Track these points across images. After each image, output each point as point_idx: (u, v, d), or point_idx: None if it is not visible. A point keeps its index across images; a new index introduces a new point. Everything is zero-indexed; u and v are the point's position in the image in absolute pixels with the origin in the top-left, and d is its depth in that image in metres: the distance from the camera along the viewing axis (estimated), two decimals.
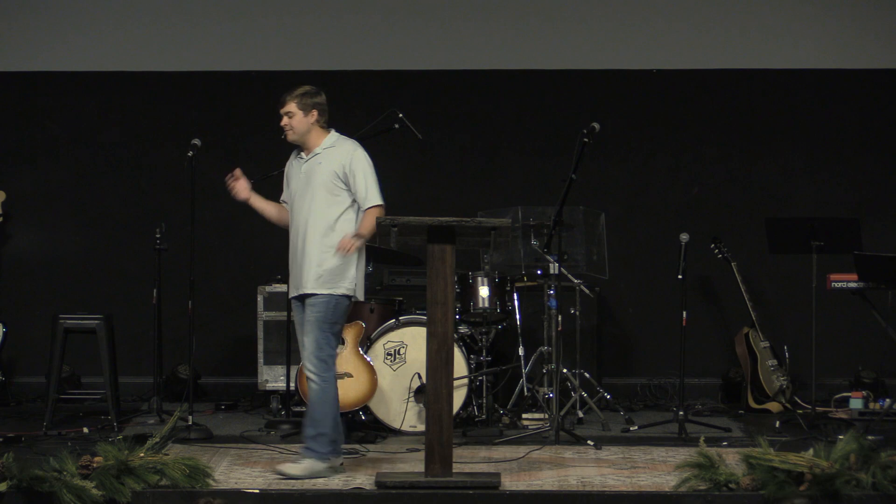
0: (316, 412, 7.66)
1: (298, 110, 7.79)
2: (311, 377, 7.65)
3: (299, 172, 7.84)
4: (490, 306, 9.40)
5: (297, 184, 7.83)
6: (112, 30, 10.86)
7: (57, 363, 9.32)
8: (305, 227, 7.73)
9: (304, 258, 7.72)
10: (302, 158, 7.86)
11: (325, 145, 7.83)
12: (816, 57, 10.77)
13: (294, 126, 7.80)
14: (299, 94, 7.81)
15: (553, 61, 10.84)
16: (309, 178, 7.79)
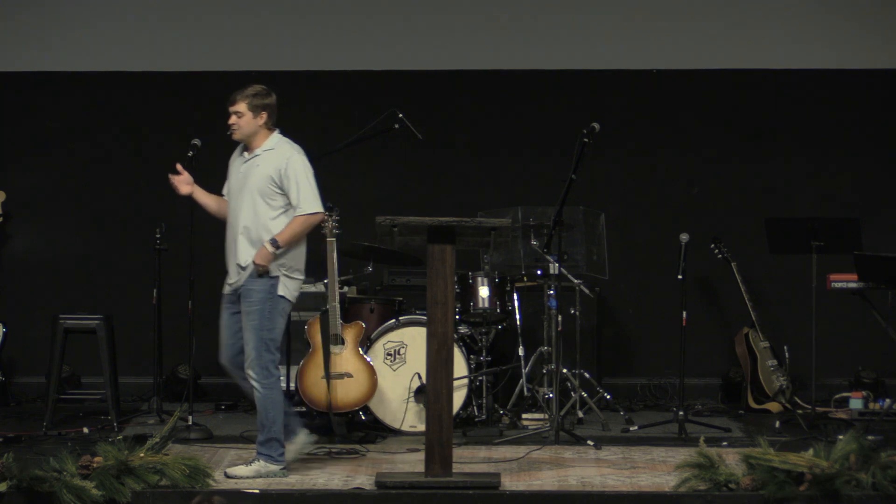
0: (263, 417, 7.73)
1: (248, 111, 7.80)
2: (256, 382, 7.70)
3: (238, 170, 7.86)
4: (490, 306, 9.40)
5: (236, 181, 7.86)
6: (112, 30, 10.86)
7: (57, 363, 9.32)
8: (237, 226, 7.77)
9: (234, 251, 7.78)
10: (244, 157, 7.87)
11: (265, 147, 7.84)
12: (816, 57, 10.77)
13: (241, 126, 7.80)
14: (250, 95, 7.81)
15: (553, 61, 10.84)
16: (246, 178, 7.81)
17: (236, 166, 7.91)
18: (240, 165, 7.87)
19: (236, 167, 7.90)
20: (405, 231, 7.46)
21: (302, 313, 9.55)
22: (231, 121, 7.81)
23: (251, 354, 7.67)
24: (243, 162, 7.86)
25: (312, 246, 9.26)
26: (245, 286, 7.72)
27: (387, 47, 10.86)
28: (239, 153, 7.94)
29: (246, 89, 7.83)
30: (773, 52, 10.78)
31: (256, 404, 7.73)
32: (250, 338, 7.68)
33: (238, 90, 7.83)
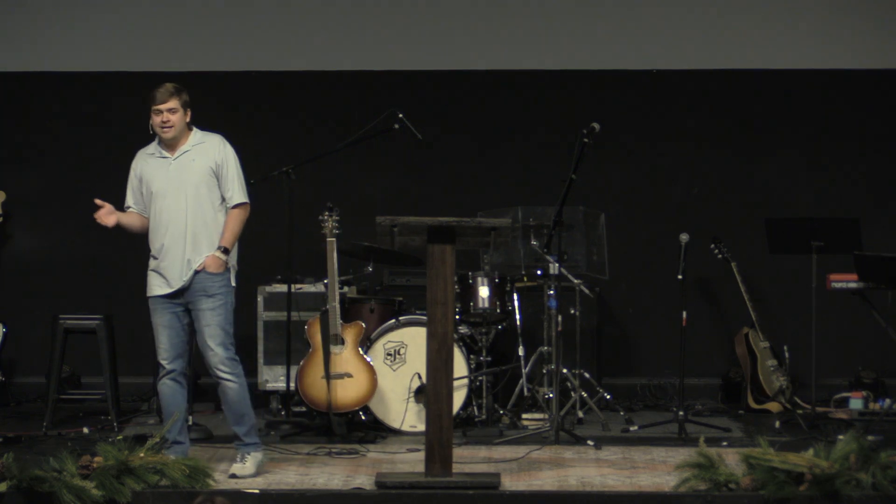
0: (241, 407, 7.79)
1: (180, 107, 7.81)
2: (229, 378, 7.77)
3: (166, 172, 7.79)
4: (490, 306, 9.40)
5: (164, 184, 7.78)
6: (112, 30, 10.86)
7: (57, 363, 9.33)
8: (181, 226, 7.74)
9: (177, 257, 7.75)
10: (166, 158, 7.81)
11: (193, 142, 7.86)
12: (816, 57, 10.77)
13: (175, 123, 7.78)
14: (178, 92, 7.81)
15: (553, 61, 10.84)
16: (180, 175, 7.78)
17: (158, 170, 7.80)
18: (165, 165, 7.80)
19: (159, 171, 7.79)
20: (405, 231, 7.46)
21: (302, 313, 9.55)
22: (164, 118, 7.75)
23: (219, 351, 7.75)
24: (170, 161, 7.80)
25: (312, 246, 9.29)
26: (202, 284, 7.75)
27: (387, 47, 10.86)
28: (153, 156, 7.85)
29: (169, 87, 7.78)
30: (773, 52, 10.77)
31: (230, 398, 7.76)
32: (216, 333, 7.76)
33: (159, 89, 7.77)
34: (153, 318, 7.86)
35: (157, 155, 7.86)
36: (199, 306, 7.77)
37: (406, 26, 10.87)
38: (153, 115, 7.79)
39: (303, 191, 9.31)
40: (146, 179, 7.84)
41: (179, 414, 7.78)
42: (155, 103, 7.76)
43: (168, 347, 7.80)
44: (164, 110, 7.76)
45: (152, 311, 7.85)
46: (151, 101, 7.78)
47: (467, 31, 10.85)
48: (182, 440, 7.82)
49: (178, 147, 7.83)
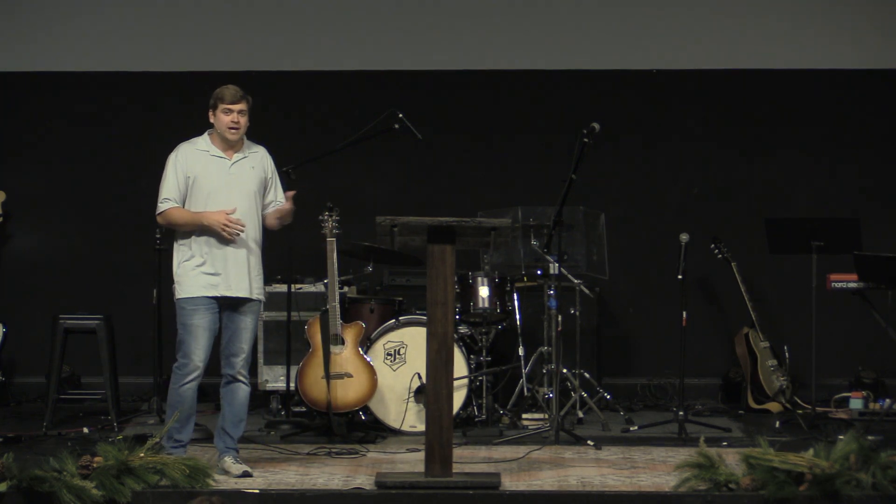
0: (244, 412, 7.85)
1: (247, 111, 7.80)
2: (245, 382, 7.79)
3: (224, 173, 7.76)
4: (490, 306, 9.40)
5: (219, 183, 7.74)
6: (112, 30, 10.86)
7: (57, 363, 9.32)
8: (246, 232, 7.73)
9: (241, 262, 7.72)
10: (223, 158, 7.78)
11: (248, 149, 7.87)
12: (816, 57, 10.78)
13: (242, 126, 7.78)
14: (246, 96, 7.80)
15: (553, 61, 10.84)
16: (239, 180, 7.78)
17: (214, 165, 7.75)
18: (223, 166, 7.77)
19: (215, 166, 7.75)
20: (405, 231, 7.46)
21: (302, 313, 9.55)
22: (235, 119, 7.72)
23: (249, 354, 7.79)
24: (229, 164, 7.78)
25: (312, 246, 9.29)
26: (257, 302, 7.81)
27: (387, 47, 10.86)
28: (208, 152, 7.79)
29: (239, 89, 7.77)
30: (773, 52, 10.78)
31: (240, 400, 7.80)
32: (249, 339, 7.78)
33: (229, 88, 7.75)
34: (191, 319, 7.67)
35: (210, 153, 7.79)
36: (246, 311, 7.77)
37: (406, 26, 10.87)
38: (221, 114, 7.72)
39: (302, 191, 9.30)
40: (197, 175, 7.73)
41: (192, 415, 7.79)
42: (226, 102, 7.71)
43: (205, 348, 7.71)
44: (235, 110, 7.73)
45: (191, 312, 7.67)
46: (220, 100, 7.72)
47: (468, 31, 10.85)
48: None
49: (234, 150, 7.80)
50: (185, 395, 7.70)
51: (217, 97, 7.75)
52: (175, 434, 7.70)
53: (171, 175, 7.76)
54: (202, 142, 7.84)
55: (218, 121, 7.76)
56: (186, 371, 7.68)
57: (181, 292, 7.71)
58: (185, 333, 7.68)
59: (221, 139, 7.80)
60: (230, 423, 7.84)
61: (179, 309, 7.72)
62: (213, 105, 7.78)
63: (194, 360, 7.66)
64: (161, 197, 7.77)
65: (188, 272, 7.70)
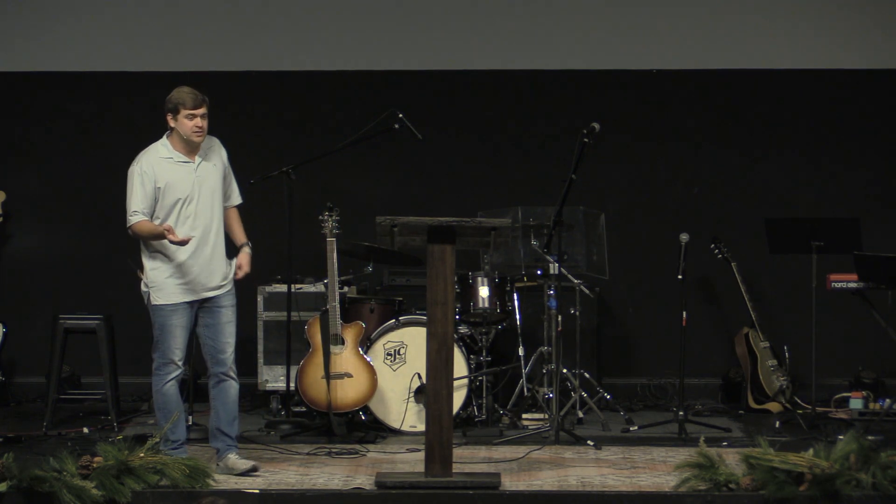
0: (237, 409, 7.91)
1: (207, 114, 7.76)
2: (235, 378, 7.83)
3: (191, 177, 7.72)
4: (490, 306, 9.40)
5: (189, 189, 7.71)
6: (112, 30, 10.86)
7: (57, 363, 9.33)
8: (209, 230, 7.75)
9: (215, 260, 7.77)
10: (188, 162, 7.75)
11: (205, 146, 7.83)
12: (816, 57, 10.77)
13: (205, 129, 7.76)
14: (205, 99, 7.75)
15: (553, 61, 10.84)
16: (206, 181, 7.77)
17: (180, 172, 7.71)
18: (188, 170, 7.73)
19: (181, 172, 7.71)
20: (405, 231, 7.46)
21: (302, 313, 9.55)
22: (199, 124, 7.68)
23: (233, 351, 7.85)
24: (194, 167, 7.75)
25: (312, 246, 9.29)
26: (229, 291, 7.85)
27: (387, 47, 10.86)
28: (172, 159, 7.73)
29: (198, 93, 7.71)
30: (773, 52, 10.77)
31: (232, 398, 7.85)
32: (234, 332, 7.85)
33: (190, 94, 7.68)
34: (169, 320, 7.75)
35: (174, 159, 7.75)
36: (223, 303, 7.82)
37: (406, 26, 10.87)
38: (184, 119, 7.67)
39: (303, 191, 9.32)
40: (166, 184, 7.69)
41: (180, 413, 7.80)
42: (188, 108, 7.67)
43: (183, 347, 7.78)
44: (198, 115, 7.69)
45: (169, 313, 7.75)
46: (182, 105, 7.67)
47: (467, 31, 10.85)
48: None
49: (195, 152, 7.78)
50: (169, 393, 7.76)
51: (177, 102, 7.68)
52: (170, 435, 7.71)
53: (137, 187, 7.68)
54: (163, 149, 7.77)
55: (181, 126, 7.70)
56: (168, 370, 7.77)
57: (157, 298, 7.76)
58: (164, 334, 7.77)
59: (183, 143, 7.75)
60: (225, 422, 7.84)
61: (156, 311, 7.78)
62: (172, 109, 7.71)
63: (174, 359, 7.76)
64: (130, 209, 7.68)
65: (163, 280, 7.74)
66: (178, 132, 7.74)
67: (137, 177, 7.69)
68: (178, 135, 7.75)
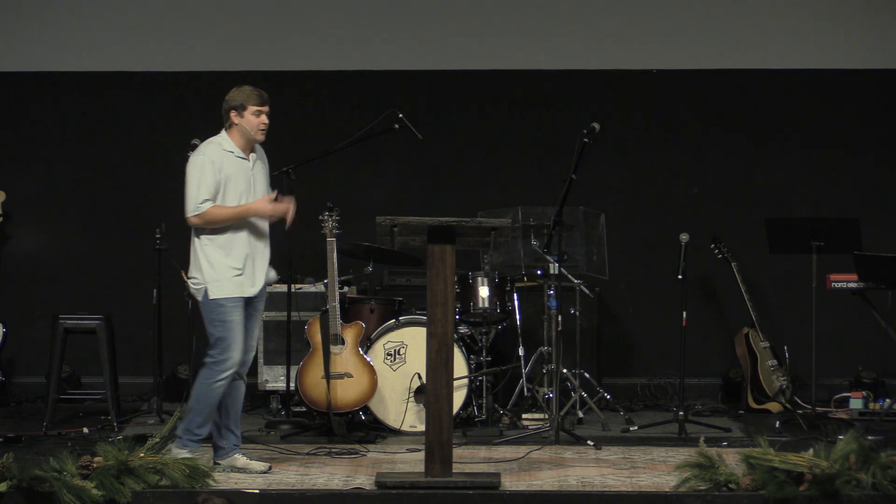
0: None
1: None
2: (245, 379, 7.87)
3: (248, 173, 7.79)
4: (490, 306, 9.40)
5: (246, 185, 7.77)
6: (112, 30, 10.86)
7: (57, 363, 9.32)
8: (263, 228, 7.83)
9: (265, 259, 7.84)
10: (246, 160, 7.80)
11: (256, 149, 7.91)
12: (816, 57, 10.77)
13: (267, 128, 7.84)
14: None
15: (553, 61, 10.84)
16: (258, 180, 7.84)
17: (240, 167, 7.78)
18: (246, 167, 7.79)
19: (240, 168, 7.78)
20: (405, 231, 7.46)
21: (302, 313, 9.55)
22: (265, 121, 7.77)
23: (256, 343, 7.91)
24: (250, 164, 7.81)
25: (313, 246, 9.29)
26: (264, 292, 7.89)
27: (387, 47, 10.86)
28: (233, 153, 7.78)
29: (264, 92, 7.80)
30: (773, 52, 10.78)
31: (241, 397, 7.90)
32: (257, 336, 7.92)
33: (260, 91, 7.77)
34: (230, 316, 7.68)
35: (235, 154, 7.78)
36: (258, 305, 7.87)
37: (406, 26, 10.87)
38: (250, 116, 7.73)
39: (303, 191, 9.31)
40: (229, 176, 7.72)
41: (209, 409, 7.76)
42: (256, 104, 7.73)
43: (242, 343, 7.74)
44: (264, 113, 7.76)
45: (231, 309, 7.69)
46: (249, 102, 7.72)
47: (467, 31, 10.85)
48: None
49: (251, 150, 7.83)
50: (218, 390, 7.71)
51: (245, 99, 7.73)
52: (195, 428, 7.69)
53: (207, 175, 7.67)
54: (225, 142, 7.80)
55: (247, 122, 7.74)
56: (227, 366, 7.68)
57: (219, 292, 7.67)
58: (225, 330, 7.67)
59: (244, 140, 7.79)
60: (234, 421, 7.86)
61: (216, 307, 7.68)
62: (239, 106, 7.74)
63: (234, 356, 7.68)
64: (199, 198, 7.65)
65: (224, 272, 7.69)
66: (240, 129, 7.76)
67: (208, 165, 7.69)
68: (239, 131, 7.77)
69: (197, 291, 7.75)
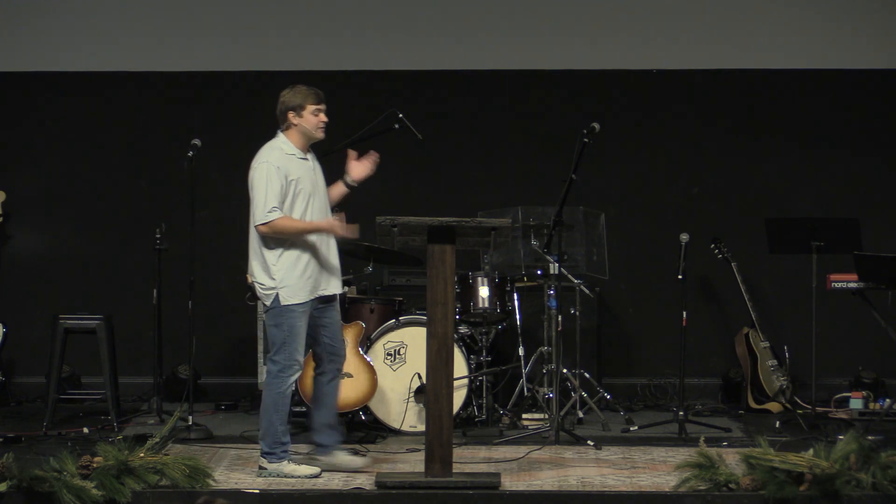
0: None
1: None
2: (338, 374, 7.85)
3: (310, 174, 7.75)
4: (490, 306, 9.40)
5: (310, 186, 7.72)
6: (112, 30, 10.85)
7: (57, 363, 9.32)
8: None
9: (333, 260, 7.77)
10: (307, 160, 7.77)
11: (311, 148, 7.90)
12: (816, 57, 10.77)
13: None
14: None
15: (553, 61, 10.84)
16: (319, 180, 7.82)
17: (303, 168, 7.71)
18: (308, 168, 7.74)
19: (303, 169, 7.71)
20: (405, 231, 7.46)
21: None
22: (324, 119, 7.73)
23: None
24: (310, 163, 7.77)
25: None
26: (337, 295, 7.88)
27: (387, 47, 10.86)
28: (295, 155, 7.71)
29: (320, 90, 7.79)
30: (773, 52, 10.77)
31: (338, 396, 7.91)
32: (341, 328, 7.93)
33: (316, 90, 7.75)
34: (299, 321, 7.61)
35: (297, 156, 7.72)
36: (336, 302, 7.84)
37: (406, 26, 10.87)
38: (309, 115, 7.68)
39: None
40: (295, 179, 7.64)
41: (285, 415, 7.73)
42: (315, 103, 7.70)
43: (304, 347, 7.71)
44: (322, 111, 7.73)
45: (300, 314, 7.61)
46: (308, 101, 7.69)
47: (467, 31, 10.85)
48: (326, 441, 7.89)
49: (308, 150, 7.80)
50: (288, 395, 7.67)
51: (303, 99, 7.69)
52: (282, 437, 7.65)
53: (274, 182, 7.57)
54: (285, 145, 7.73)
55: (306, 121, 7.69)
56: (292, 372, 7.63)
57: (289, 298, 7.58)
58: (291, 336, 7.59)
59: (303, 140, 7.74)
60: (335, 418, 7.86)
61: (284, 312, 7.58)
62: (297, 107, 7.69)
63: (299, 360, 7.65)
64: (268, 206, 7.55)
65: (294, 278, 7.60)
66: (299, 129, 7.72)
67: (273, 172, 7.59)
68: (298, 131, 7.73)
69: (266, 296, 7.64)
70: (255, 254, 7.67)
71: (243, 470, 7.88)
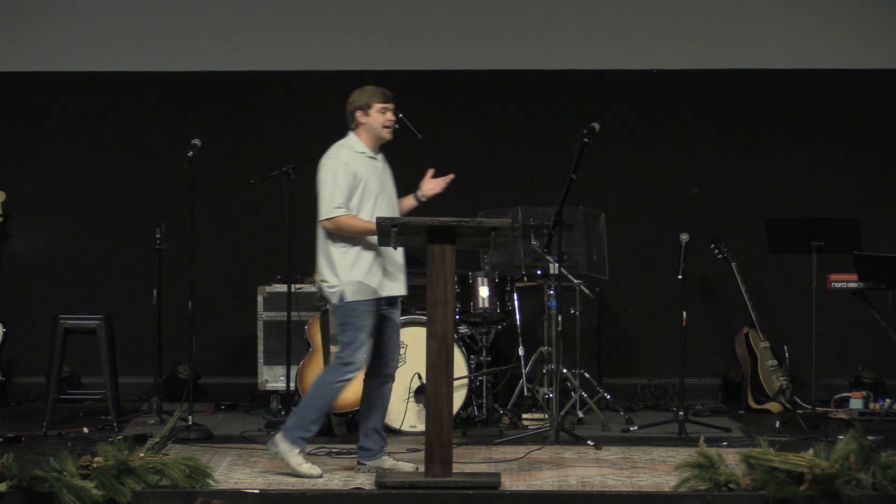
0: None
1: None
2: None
3: (380, 174, 7.76)
4: (490, 306, 9.40)
5: (378, 184, 7.72)
6: (112, 30, 10.85)
7: (57, 363, 9.32)
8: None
9: (397, 261, 7.73)
10: (376, 159, 7.77)
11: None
12: (816, 57, 10.77)
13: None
14: None
15: (553, 61, 10.84)
16: (389, 180, 7.82)
17: (372, 168, 7.72)
18: (377, 167, 7.74)
19: (373, 168, 7.72)
20: (405, 231, 7.46)
21: (302, 313, 9.55)
22: (392, 118, 7.74)
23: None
24: (379, 163, 7.77)
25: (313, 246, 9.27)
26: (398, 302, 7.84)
27: (387, 47, 10.86)
28: (365, 154, 7.72)
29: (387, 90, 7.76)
30: (773, 52, 10.77)
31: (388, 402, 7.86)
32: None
33: (384, 89, 7.75)
34: (365, 320, 7.60)
35: (367, 154, 7.73)
36: (398, 304, 7.82)
37: (406, 26, 10.87)
38: (377, 114, 7.70)
39: (303, 191, 9.31)
40: (364, 178, 7.65)
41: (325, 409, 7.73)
42: (382, 101, 7.72)
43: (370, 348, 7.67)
44: (390, 109, 7.74)
45: (366, 314, 7.60)
46: (375, 99, 7.71)
47: (467, 31, 10.85)
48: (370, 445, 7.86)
49: (377, 150, 7.79)
50: (338, 390, 7.64)
51: (369, 98, 7.71)
52: (308, 424, 7.62)
53: (341, 179, 7.60)
54: (355, 143, 7.74)
55: (374, 120, 7.71)
56: (353, 368, 7.60)
57: (355, 296, 7.57)
58: (357, 333, 7.58)
59: (372, 139, 7.75)
60: (381, 422, 7.85)
61: (350, 311, 7.57)
62: (364, 106, 7.71)
63: (363, 360, 7.63)
64: (334, 202, 7.57)
65: (360, 276, 7.60)
66: (367, 127, 7.73)
67: (342, 168, 7.61)
68: (366, 130, 7.74)
69: (332, 294, 7.63)
70: (322, 251, 7.69)
71: (243, 470, 7.88)
